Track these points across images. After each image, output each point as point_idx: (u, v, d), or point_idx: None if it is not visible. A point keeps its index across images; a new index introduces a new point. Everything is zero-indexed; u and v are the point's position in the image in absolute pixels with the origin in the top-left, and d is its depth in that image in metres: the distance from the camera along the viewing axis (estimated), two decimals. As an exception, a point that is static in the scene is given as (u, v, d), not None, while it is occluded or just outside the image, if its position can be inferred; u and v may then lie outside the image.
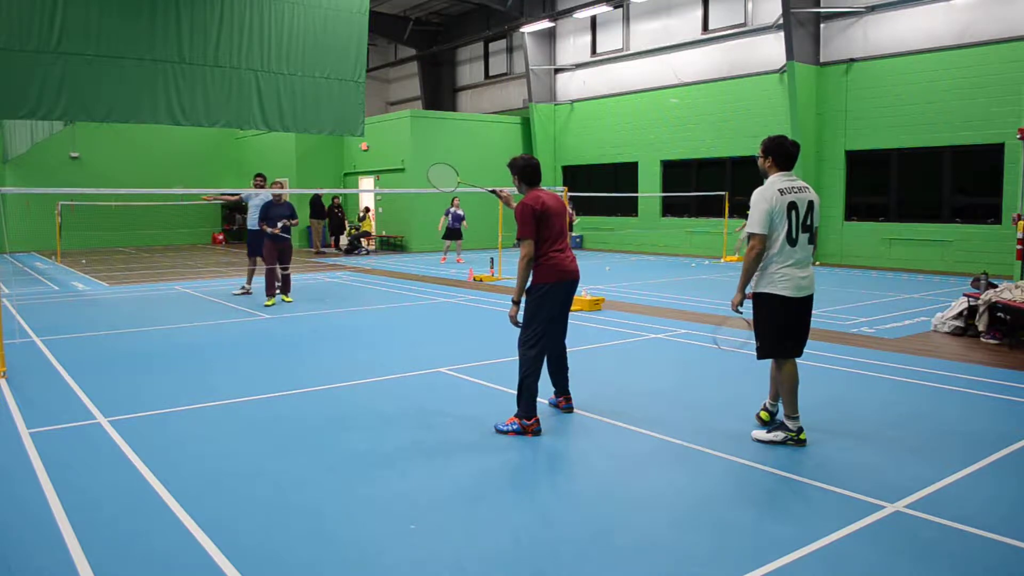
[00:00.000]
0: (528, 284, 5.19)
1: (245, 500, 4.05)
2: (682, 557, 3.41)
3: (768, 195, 4.76)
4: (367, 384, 6.63)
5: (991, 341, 8.19)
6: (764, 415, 5.32)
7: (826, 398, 6.00)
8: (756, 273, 4.89)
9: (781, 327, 4.86)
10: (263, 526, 3.73)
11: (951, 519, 3.73)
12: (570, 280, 5.25)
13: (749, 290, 4.97)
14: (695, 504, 4.01)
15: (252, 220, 11.87)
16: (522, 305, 5.19)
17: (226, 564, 3.31)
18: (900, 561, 3.34)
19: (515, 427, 5.14)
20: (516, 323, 5.19)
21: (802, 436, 4.85)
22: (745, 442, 4.93)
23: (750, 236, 4.79)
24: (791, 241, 4.75)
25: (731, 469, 4.51)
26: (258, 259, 11.89)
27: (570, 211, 19.93)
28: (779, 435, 4.87)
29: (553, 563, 3.35)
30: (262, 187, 11.99)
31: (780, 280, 4.77)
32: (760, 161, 4.96)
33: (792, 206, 4.74)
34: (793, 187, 4.80)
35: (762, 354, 4.98)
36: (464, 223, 19.17)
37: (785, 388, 4.91)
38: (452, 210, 18.97)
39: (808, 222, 4.81)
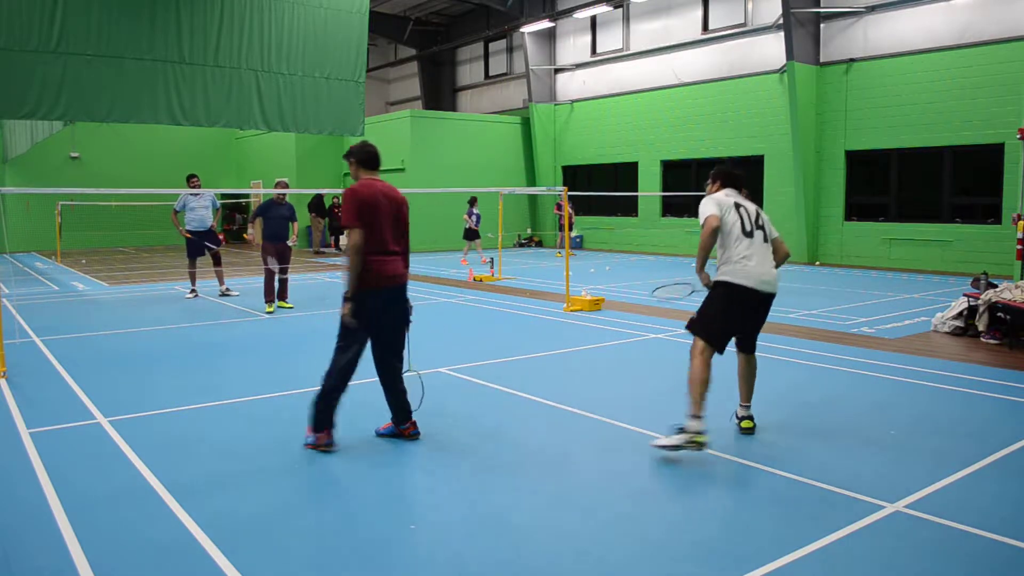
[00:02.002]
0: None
1: (245, 500, 4.05)
2: (681, 557, 3.41)
3: (713, 197, 5.00)
4: (367, 384, 6.61)
5: (991, 341, 8.19)
6: (747, 424, 5.10)
7: (826, 398, 6.01)
8: (719, 263, 4.90)
9: (723, 311, 4.84)
10: (263, 525, 3.73)
11: (951, 519, 3.73)
12: (389, 287, 4.75)
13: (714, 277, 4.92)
14: (694, 504, 4.01)
15: (192, 223, 12.09)
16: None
17: (226, 564, 3.31)
18: (900, 561, 3.34)
19: (310, 440, 4.74)
20: (351, 323, 4.71)
21: (700, 439, 4.50)
22: (745, 442, 4.93)
23: (705, 220, 4.84)
24: (746, 233, 4.85)
25: (731, 469, 4.51)
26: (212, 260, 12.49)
27: (569, 210, 19.83)
28: (679, 438, 4.52)
29: (553, 563, 3.35)
30: (198, 187, 12.02)
31: (740, 271, 4.81)
32: (709, 188, 5.17)
33: (737, 205, 4.94)
34: (736, 199, 5.00)
35: (691, 327, 4.92)
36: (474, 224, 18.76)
37: (694, 380, 4.67)
38: (473, 211, 18.51)
39: (759, 223, 4.94)
